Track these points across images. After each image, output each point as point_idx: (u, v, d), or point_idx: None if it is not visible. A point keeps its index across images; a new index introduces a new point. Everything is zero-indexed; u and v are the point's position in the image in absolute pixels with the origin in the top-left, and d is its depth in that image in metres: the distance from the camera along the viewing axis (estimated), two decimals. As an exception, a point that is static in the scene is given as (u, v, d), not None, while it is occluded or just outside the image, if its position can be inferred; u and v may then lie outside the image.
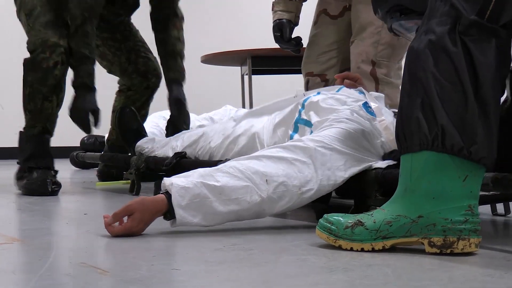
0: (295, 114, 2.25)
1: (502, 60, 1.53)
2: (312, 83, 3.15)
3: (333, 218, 1.62)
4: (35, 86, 3.03)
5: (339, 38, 3.14)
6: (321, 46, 3.17)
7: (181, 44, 3.43)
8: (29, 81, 3.05)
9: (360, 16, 3.00)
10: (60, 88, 3.06)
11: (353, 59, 3.01)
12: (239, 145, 2.43)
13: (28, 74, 3.06)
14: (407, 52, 1.59)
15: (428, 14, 1.56)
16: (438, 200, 1.50)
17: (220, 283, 1.29)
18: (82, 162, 4.85)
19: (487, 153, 1.48)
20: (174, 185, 1.80)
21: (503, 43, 1.52)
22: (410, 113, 1.53)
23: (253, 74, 5.34)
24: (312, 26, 3.25)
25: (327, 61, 3.15)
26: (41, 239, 1.80)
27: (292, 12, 3.19)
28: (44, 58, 3.01)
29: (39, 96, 3.04)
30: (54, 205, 2.68)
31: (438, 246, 1.51)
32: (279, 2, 3.21)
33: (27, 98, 3.06)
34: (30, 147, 3.09)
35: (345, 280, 1.30)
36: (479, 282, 1.27)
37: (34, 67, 3.03)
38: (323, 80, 3.13)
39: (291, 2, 3.20)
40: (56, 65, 3.01)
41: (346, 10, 3.13)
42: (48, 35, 3.03)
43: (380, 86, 2.93)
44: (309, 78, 3.17)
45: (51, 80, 3.02)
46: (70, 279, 1.33)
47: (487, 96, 1.49)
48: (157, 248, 1.66)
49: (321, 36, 3.18)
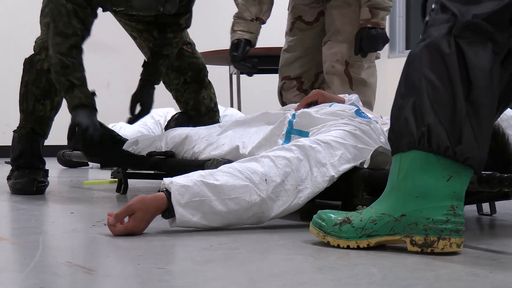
0: (285, 125, 2.24)
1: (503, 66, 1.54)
2: (288, 86, 3.26)
3: (325, 215, 1.64)
4: (29, 87, 3.01)
5: (315, 43, 3.23)
6: (298, 51, 3.26)
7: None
8: (24, 81, 3.03)
9: (335, 20, 3.13)
10: (54, 92, 3.01)
11: (327, 59, 3.12)
12: (221, 153, 2.41)
13: (25, 74, 3.03)
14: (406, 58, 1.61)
15: (429, 25, 1.58)
16: (421, 199, 1.51)
17: (207, 282, 1.29)
18: (69, 161, 4.84)
19: (473, 154, 1.49)
20: (174, 183, 1.81)
21: (502, 49, 1.53)
22: (401, 114, 1.54)
23: (241, 74, 5.34)
24: (287, 33, 3.33)
25: (303, 65, 3.26)
26: (27, 238, 1.80)
27: (253, 33, 3.24)
28: (40, 59, 2.99)
29: (31, 98, 3.01)
30: (40, 204, 2.66)
31: (419, 245, 1.52)
32: (240, 22, 3.23)
33: (21, 98, 3.04)
34: (20, 146, 3.08)
35: (331, 279, 1.30)
36: (464, 281, 1.28)
37: (30, 67, 3.01)
38: (298, 83, 3.24)
39: (253, 23, 3.23)
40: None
41: (321, 16, 3.23)
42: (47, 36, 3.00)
43: (354, 85, 3.06)
44: (285, 81, 3.25)
45: (44, 82, 2.99)
46: (56, 278, 1.32)
47: (479, 99, 1.49)
48: (144, 247, 1.66)
49: (297, 41, 3.26)
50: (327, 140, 1.97)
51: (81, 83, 2.81)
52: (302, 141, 1.97)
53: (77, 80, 2.80)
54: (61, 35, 2.81)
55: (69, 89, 2.81)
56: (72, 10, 2.80)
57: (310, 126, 2.16)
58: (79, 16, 2.82)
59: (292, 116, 2.24)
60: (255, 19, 3.22)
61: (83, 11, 2.83)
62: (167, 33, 3.18)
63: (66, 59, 2.80)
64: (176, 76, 3.32)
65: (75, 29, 2.80)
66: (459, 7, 1.52)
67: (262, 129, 2.34)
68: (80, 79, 2.81)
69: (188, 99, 3.33)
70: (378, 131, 2.08)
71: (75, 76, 2.80)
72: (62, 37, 2.80)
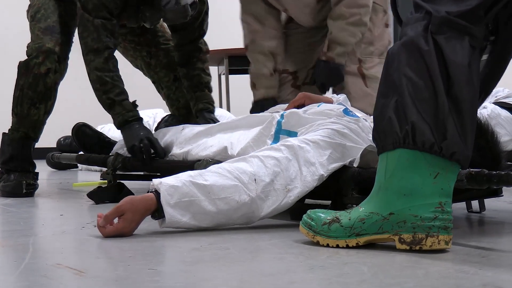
0: (274, 125, 2.24)
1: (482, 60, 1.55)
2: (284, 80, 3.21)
3: (314, 214, 1.64)
4: (25, 90, 2.99)
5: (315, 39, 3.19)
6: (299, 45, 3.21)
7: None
8: (20, 85, 3.01)
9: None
10: (49, 96, 3.01)
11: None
12: (209, 155, 2.40)
13: (21, 77, 3.02)
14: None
15: (404, 24, 1.58)
16: (409, 197, 1.51)
17: (197, 282, 1.29)
18: (58, 163, 4.82)
19: (459, 149, 1.50)
20: (163, 183, 1.81)
21: (480, 42, 1.54)
22: (383, 114, 1.54)
23: (230, 74, 5.34)
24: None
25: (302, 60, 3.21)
26: (17, 241, 1.79)
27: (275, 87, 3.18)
28: (37, 63, 2.97)
29: (27, 101, 3.00)
30: (30, 206, 2.66)
31: (408, 243, 1.52)
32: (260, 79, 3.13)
33: (16, 101, 3.03)
34: (10, 150, 3.06)
35: (321, 278, 1.31)
36: (454, 278, 1.28)
37: (26, 71, 2.99)
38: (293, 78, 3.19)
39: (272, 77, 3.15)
40: (48, 72, 2.96)
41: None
42: (44, 40, 2.98)
43: (368, 81, 3.01)
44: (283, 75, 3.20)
45: (41, 86, 2.98)
46: (46, 280, 1.32)
47: (459, 94, 1.50)
48: (134, 248, 1.66)
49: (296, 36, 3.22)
50: (316, 140, 1.97)
51: (121, 98, 2.83)
52: (291, 141, 1.97)
53: (117, 96, 2.82)
54: (93, 52, 2.83)
55: (110, 107, 2.83)
56: (101, 25, 2.82)
57: (298, 126, 2.16)
58: (108, 28, 2.85)
59: (280, 116, 2.24)
60: (274, 73, 3.16)
61: (110, 23, 2.86)
62: (195, 63, 3.23)
63: (104, 74, 2.82)
64: (166, 74, 3.33)
65: (105, 43, 2.83)
66: (431, 5, 1.53)
67: (250, 130, 2.34)
68: (120, 95, 2.83)
69: (180, 97, 3.34)
70: (367, 129, 2.08)
71: (115, 93, 2.82)
72: (94, 54, 2.83)
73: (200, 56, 3.27)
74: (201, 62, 3.27)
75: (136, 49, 3.34)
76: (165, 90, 3.38)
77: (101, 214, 1.79)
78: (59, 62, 3.00)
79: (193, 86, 3.24)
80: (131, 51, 3.35)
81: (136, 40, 3.31)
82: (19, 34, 3.37)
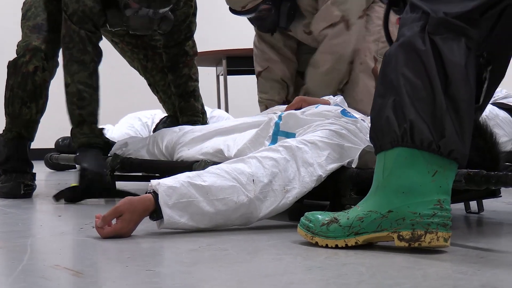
0: (271, 126, 2.24)
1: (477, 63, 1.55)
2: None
3: (312, 216, 1.64)
4: (15, 90, 2.99)
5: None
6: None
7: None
8: (10, 85, 3.01)
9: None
10: (40, 94, 3.00)
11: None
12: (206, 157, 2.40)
13: (10, 77, 3.01)
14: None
15: (400, 25, 1.59)
16: (408, 194, 1.51)
17: (195, 284, 1.29)
18: (57, 164, 4.82)
19: (456, 147, 1.50)
20: (161, 184, 1.81)
21: (476, 45, 1.54)
22: (381, 113, 1.55)
23: (228, 75, 5.34)
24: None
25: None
26: (14, 242, 1.79)
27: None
28: (24, 62, 2.96)
29: (18, 101, 2.99)
30: (28, 207, 2.65)
31: (407, 240, 1.52)
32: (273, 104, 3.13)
33: (7, 101, 3.02)
34: (6, 150, 3.06)
35: (320, 279, 1.31)
36: (452, 279, 1.28)
37: (15, 70, 2.99)
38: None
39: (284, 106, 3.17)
40: (36, 70, 2.95)
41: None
42: (31, 38, 2.97)
43: None
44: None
45: (30, 85, 2.97)
46: (44, 281, 1.32)
47: (457, 93, 1.50)
48: (132, 249, 1.65)
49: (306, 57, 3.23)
50: (314, 140, 1.97)
51: (91, 120, 2.83)
52: (289, 142, 1.97)
53: (89, 116, 2.82)
54: (78, 63, 2.82)
55: (79, 124, 2.82)
56: (86, 37, 2.82)
57: (296, 127, 2.16)
58: (93, 41, 2.84)
59: (278, 117, 2.24)
60: (286, 101, 3.19)
61: (95, 36, 2.86)
62: (182, 69, 3.21)
63: (85, 90, 2.81)
64: (161, 78, 3.32)
65: (91, 55, 2.83)
66: (429, 5, 1.54)
67: (247, 131, 2.34)
68: (91, 116, 2.83)
69: (175, 101, 3.33)
70: (365, 130, 2.09)
71: (88, 111, 2.82)
72: (79, 65, 2.82)
73: (186, 62, 3.24)
74: (188, 68, 3.24)
75: (133, 51, 3.35)
76: (161, 94, 3.39)
77: (99, 215, 1.79)
78: (47, 60, 2.98)
79: (179, 95, 3.25)
80: (129, 52, 3.35)
81: (133, 42, 3.31)
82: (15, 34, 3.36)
